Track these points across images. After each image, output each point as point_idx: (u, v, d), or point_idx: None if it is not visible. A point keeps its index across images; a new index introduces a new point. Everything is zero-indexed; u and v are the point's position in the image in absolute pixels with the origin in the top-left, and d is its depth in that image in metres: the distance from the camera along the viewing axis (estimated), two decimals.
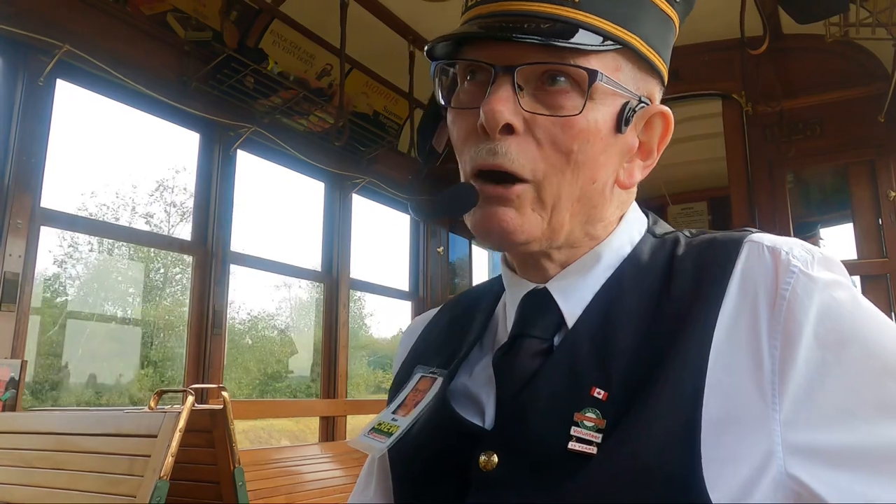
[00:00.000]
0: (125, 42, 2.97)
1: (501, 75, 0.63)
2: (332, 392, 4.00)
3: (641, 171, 0.71)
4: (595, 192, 0.67)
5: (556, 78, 0.63)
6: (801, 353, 0.56)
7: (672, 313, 0.62)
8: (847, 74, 3.48)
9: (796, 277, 0.59)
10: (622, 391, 0.60)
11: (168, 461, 1.75)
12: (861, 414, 0.54)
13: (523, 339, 0.68)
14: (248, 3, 3.47)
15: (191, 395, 1.96)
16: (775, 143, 3.59)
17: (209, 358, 3.23)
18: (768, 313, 0.58)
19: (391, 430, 0.72)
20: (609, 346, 0.63)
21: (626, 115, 0.65)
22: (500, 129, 0.63)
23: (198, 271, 3.32)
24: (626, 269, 0.69)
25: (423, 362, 0.79)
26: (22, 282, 2.51)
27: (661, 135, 0.71)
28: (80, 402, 5.18)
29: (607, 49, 0.63)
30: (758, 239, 0.64)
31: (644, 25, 0.66)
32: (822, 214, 4.15)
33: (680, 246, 0.69)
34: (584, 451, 0.58)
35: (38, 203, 2.65)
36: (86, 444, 1.92)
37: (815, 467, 0.54)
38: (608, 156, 0.66)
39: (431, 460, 0.69)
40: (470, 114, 0.66)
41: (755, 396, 0.56)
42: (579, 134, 0.63)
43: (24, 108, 2.63)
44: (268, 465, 3.09)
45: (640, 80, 0.68)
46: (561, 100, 0.63)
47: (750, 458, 0.55)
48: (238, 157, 3.55)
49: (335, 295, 4.13)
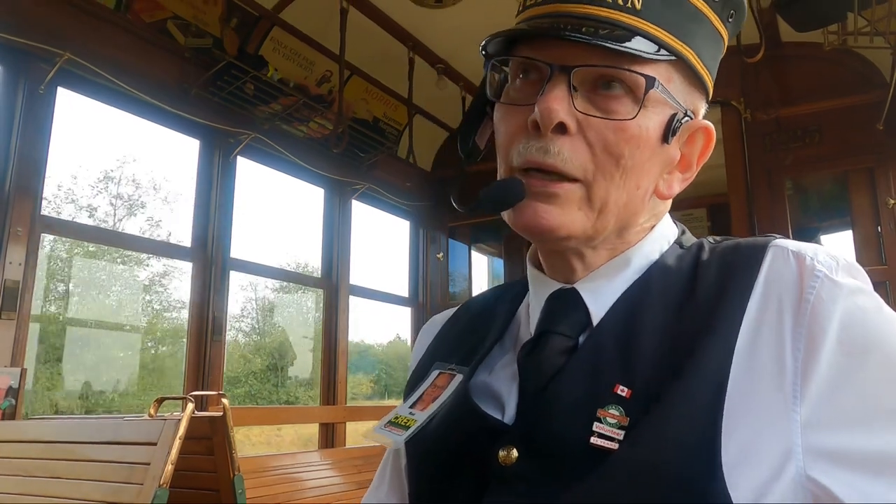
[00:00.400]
0: (125, 49, 2.98)
1: (558, 74, 0.63)
2: (332, 398, 4.00)
3: (680, 183, 0.72)
4: (638, 198, 0.68)
5: (610, 83, 0.64)
6: (824, 357, 0.56)
7: (696, 316, 0.63)
8: (846, 82, 3.49)
9: (821, 282, 0.60)
10: (645, 390, 0.60)
11: (168, 469, 1.75)
12: (883, 419, 0.54)
13: (549, 336, 0.69)
14: (249, 10, 3.48)
15: (190, 403, 1.96)
16: (774, 151, 3.60)
17: (209, 365, 3.23)
18: (793, 317, 0.59)
19: (408, 423, 0.72)
20: (633, 345, 0.64)
21: (674, 126, 0.66)
22: (554, 128, 0.63)
23: (197, 278, 3.32)
24: (652, 274, 0.70)
25: (441, 359, 0.80)
26: (22, 289, 2.51)
27: (701, 149, 0.72)
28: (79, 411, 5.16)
29: (662, 59, 0.64)
30: (782, 244, 0.64)
31: (698, 40, 0.67)
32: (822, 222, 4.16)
33: (704, 252, 0.69)
34: (606, 447, 0.58)
35: (38, 210, 2.65)
36: (85, 452, 1.92)
37: (834, 470, 0.54)
38: (652, 164, 0.67)
39: (449, 455, 0.69)
40: (520, 110, 0.67)
41: (777, 398, 0.57)
42: (631, 139, 0.64)
43: (25, 116, 2.64)
44: (267, 473, 3.08)
45: (689, 94, 0.69)
46: (614, 104, 0.64)
47: (769, 459, 0.55)
48: (238, 164, 3.56)
49: (335, 301, 4.13)
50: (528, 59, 0.66)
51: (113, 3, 2.95)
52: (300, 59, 3.79)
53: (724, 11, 0.69)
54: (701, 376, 0.58)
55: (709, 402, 0.57)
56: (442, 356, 0.81)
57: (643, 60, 0.63)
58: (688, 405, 0.57)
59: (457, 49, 4.12)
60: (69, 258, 4.61)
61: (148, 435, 1.85)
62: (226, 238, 3.43)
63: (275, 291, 7.58)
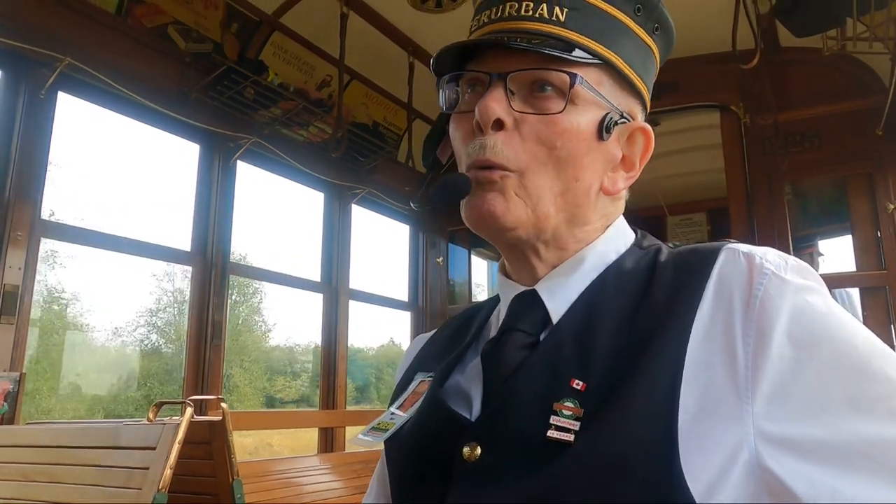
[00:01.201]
0: (126, 54, 2.99)
1: (496, 81, 0.71)
2: (332, 403, 4.00)
3: (625, 181, 0.77)
4: (579, 190, 0.72)
5: (543, 85, 0.70)
6: (774, 350, 0.59)
7: (652, 313, 0.66)
8: (845, 87, 3.49)
9: (769, 279, 0.62)
10: (600, 383, 0.63)
11: (167, 473, 1.75)
12: (833, 409, 0.56)
13: (511, 333, 0.73)
14: (249, 16, 3.49)
15: (189, 407, 1.96)
16: (774, 155, 3.60)
17: (208, 369, 3.23)
18: (742, 312, 0.61)
19: (388, 426, 0.77)
20: (590, 341, 0.66)
21: (607, 124, 0.72)
22: (492, 125, 0.70)
23: (197, 282, 3.32)
24: (610, 273, 0.73)
25: (424, 369, 0.84)
26: (21, 293, 2.51)
27: (642, 149, 0.78)
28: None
29: (588, 61, 0.71)
30: (735, 246, 0.67)
31: (624, 48, 0.74)
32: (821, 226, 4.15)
33: (662, 254, 0.73)
34: (562, 439, 0.60)
35: (38, 215, 2.65)
36: (84, 456, 1.91)
37: (786, 459, 0.56)
38: (591, 159, 0.72)
39: (420, 454, 0.72)
40: (468, 116, 0.73)
41: (730, 391, 0.58)
42: (563, 132, 0.70)
43: (26, 121, 2.64)
44: (266, 477, 3.08)
45: (621, 97, 0.75)
46: (547, 103, 0.70)
47: (723, 449, 0.57)
48: (238, 168, 3.56)
49: (335, 305, 4.13)
50: (470, 71, 0.74)
51: (114, 8, 2.96)
52: (300, 64, 3.80)
53: (648, 24, 0.76)
54: (656, 371, 0.60)
55: (664, 395, 0.59)
56: (424, 366, 0.85)
57: (570, 63, 0.70)
58: (643, 398, 0.59)
59: None
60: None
61: (147, 439, 1.84)
62: (225, 242, 3.43)
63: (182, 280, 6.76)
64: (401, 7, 3.59)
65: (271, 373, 7.21)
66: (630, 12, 0.74)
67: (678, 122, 4.13)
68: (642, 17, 0.75)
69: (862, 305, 3.40)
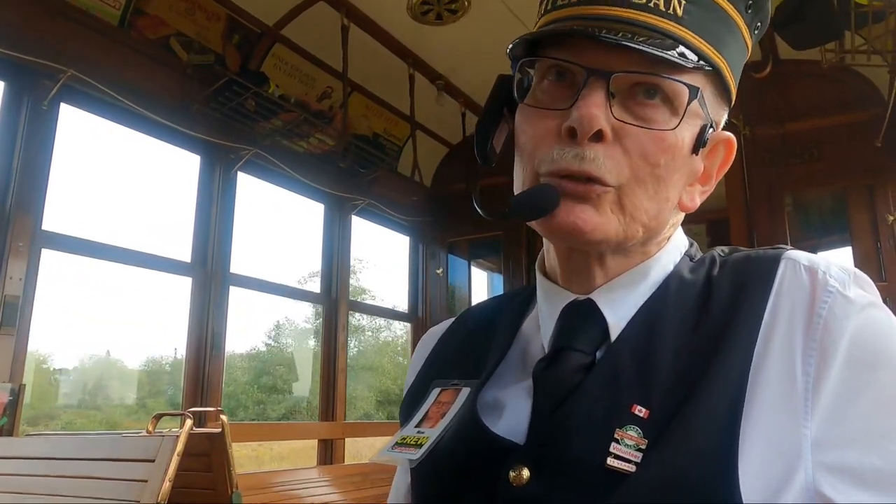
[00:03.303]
0: (128, 66, 3.00)
1: (595, 80, 0.61)
2: (331, 415, 3.98)
3: (701, 195, 0.71)
4: (667, 210, 0.67)
5: (647, 90, 0.62)
6: (835, 373, 0.56)
7: (711, 333, 0.62)
8: (844, 100, 3.51)
9: (833, 297, 0.59)
10: (662, 409, 0.59)
11: (165, 486, 1.74)
12: (893, 438, 0.54)
13: (566, 353, 0.67)
14: (251, 27, 3.51)
15: (189, 419, 1.95)
16: (774, 167, 3.61)
17: (207, 380, 3.22)
18: (804, 331, 0.58)
19: (420, 441, 0.69)
20: (651, 362, 0.62)
21: (704, 138, 0.65)
22: (591, 136, 0.61)
23: (197, 293, 3.32)
24: (669, 287, 0.68)
25: (440, 376, 0.77)
26: (22, 304, 2.51)
27: (722, 161, 0.71)
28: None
29: (703, 69, 0.63)
30: (794, 257, 0.64)
31: (731, 51, 0.66)
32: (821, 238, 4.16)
33: (716, 266, 0.69)
34: (623, 469, 0.57)
35: (39, 225, 2.66)
36: (83, 469, 1.90)
37: (843, 486, 0.54)
38: (681, 175, 0.66)
39: (457, 474, 0.67)
40: (550, 115, 0.64)
41: (787, 414, 0.56)
42: (668, 149, 0.62)
43: (28, 132, 2.65)
44: (266, 490, 3.06)
45: (717, 106, 0.68)
46: (652, 113, 0.62)
47: (780, 473, 0.55)
48: (238, 179, 3.57)
49: (334, 317, 4.12)
50: (564, 61, 0.63)
51: (117, 20, 2.98)
52: (301, 76, 3.82)
53: (754, 22, 0.68)
54: (717, 395, 0.58)
55: (726, 421, 0.56)
56: (441, 371, 0.78)
57: (682, 69, 0.61)
58: (705, 425, 0.57)
59: (457, 65, 4.15)
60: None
61: (146, 451, 1.83)
62: (226, 253, 3.43)
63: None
64: (401, 19, 3.61)
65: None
66: (742, 9, 0.66)
67: None
68: (751, 14, 0.67)
69: None
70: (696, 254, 0.74)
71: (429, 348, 0.85)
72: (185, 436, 1.85)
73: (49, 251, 2.72)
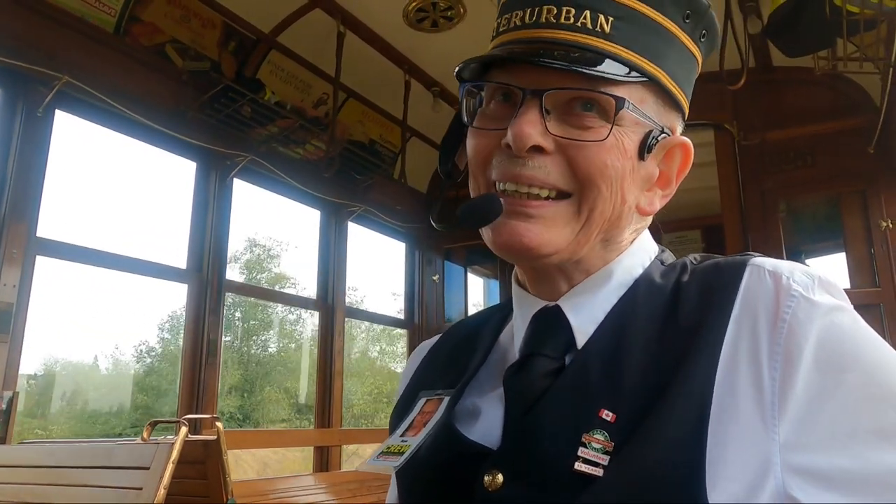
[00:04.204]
0: (124, 73, 3.00)
1: (530, 98, 0.64)
2: (327, 421, 3.97)
3: (661, 199, 0.73)
4: (623, 213, 0.69)
5: (583, 104, 0.65)
6: (801, 377, 0.57)
7: (679, 337, 0.63)
8: (837, 106, 3.53)
9: (797, 301, 0.60)
10: (630, 413, 0.60)
11: (160, 493, 1.73)
12: (860, 439, 0.55)
13: (534, 358, 0.69)
14: (246, 34, 3.51)
15: (184, 426, 1.94)
16: (768, 173, 3.63)
17: (203, 387, 3.20)
18: (769, 336, 0.59)
19: (402, 449, 0.71)
20: (618, 367, 0.63)
21: (650, 143, 0.67)
22: (528, 150, 0.64)
23: (192, 300, 3.31)
24: (637, 291, 0.70)
25: (427, 386, 0.79)
26: (16, 311, 2.50)
27: (680, 165, 0.74)
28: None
29: (634, 80, 0.65)
30: (759, 263, 0.65)
31: (670, 61, 0.68)
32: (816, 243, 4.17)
33: (686, 272, 0.70)
34: (590, 473, 0.58)
35: (33, 232, 2.65)
36: (77, 476, 1.89)
37: (813, 489, 0.55)
38: (632, 180, 0.68)
39: (436, 480, 0.69)
40: (493, 134, 0.68)
41: (756, 418, 0.57)
42: (609, 157, 0.65)
43: (23, 139, 2.65)
44: (261, 497, 3.05)
45: (664, 113, 0.70)
46: (588, 125, 0.65)
47: (748, 478, 0.56)
48: (234, 186, 3.57)
49: (331, 323, 4.12)
50: (502, 84, 0.67)
51: (112, 27, 2.98)
52: (297, 82, 3.82)
53: (696, 31, 0.70)
54: (684, 400, 0.59)
55: (692, 426, 0.57)
56: (428, 382, 0.81)
57: (615, 82, 0.64)
58: (672, 430, 0.58)
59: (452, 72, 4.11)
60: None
61: (140, 459, 1.82)
62: (221, 260, 3.43)
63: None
64: (397, 26, 3.62)
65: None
66: (679, 20, 0.68)
67: None
68: (691, 24, 0.69)
69: None
70: (668, 259, 0.75)
71: (419, 360, 0.88)
72: (180, 443, 1.84)
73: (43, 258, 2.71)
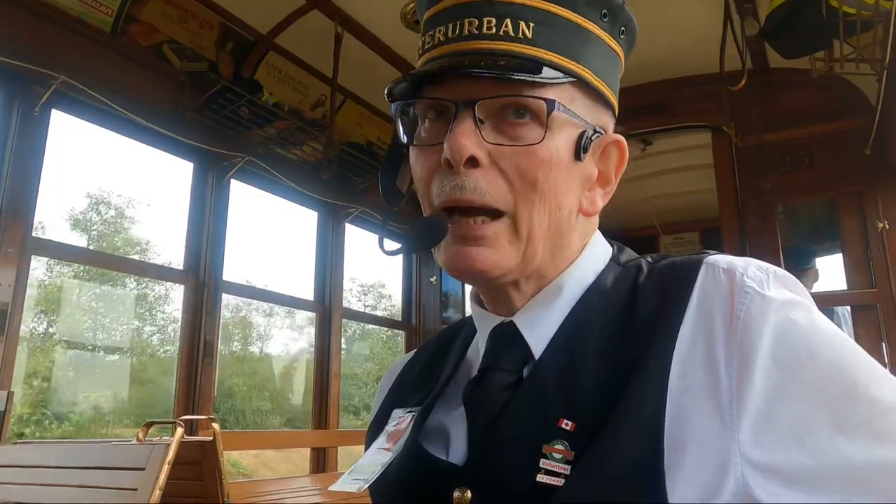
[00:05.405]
0: (121, 73, 3.00)
1: (463, 110, 0.65)
2: (324, 422, 3.96)
3: (602, 198, 0.73)
4: (562, 219, 0.68)
5: (516, 111, 0.65)
6: (758, 374, 0.57)
7: (634, 339, 0.63)
8: (834, 108, 3.54)
9: (751, 298, 0.60)
10: (588, 421, 0.60)
11: (156, 494, 1.72)
12: (819, 435, 0.54)
13: (492, 372, 0.69)
14: (244, 35, 3.51)
15: (180, 427, 1.93)
16: (765, 175, 3.63)
17: (199, 388, 3.19)
18: (724, 334, 0.59)
19: (373, 468, 0.72)
20: (575, 377, 0.63)
21: (584, 143, 0.68)
22: (465, 162, 0.64)
23: (189, 301, 3.30)
24: (590, 299, 0.70)
25: (401, 404, 0.80)
26: (11, 311, 2.49)
27: (617, 163, 0.74)
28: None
29: (561, 81, 0.66)
30: (714, 261, 0.65)
31: (593, 59, 0.69)
32: (813, 245, 4.18)
33: (642, 273, 0.70)
34: (552, 484, 0.58)
35: (29, 232, 2.64)
36: (72, 477, 1.88)
37: (773, 487, 0.54)
38: (570, 183, 0.68)
39: (408, 499, 0.69)
40: (433, 150, 0.68)
41: (714, 417, 0.57)
42: (543, 162, 0.65)
43: (19, 138, 2.64)
44: (257, 498, 3.04)
45: (594, 111, 0.71)
46: (522, 131, 0.65)
47: (709, 477, 0.55)
48: (231, 187, 3.56)
49: (328, 324, 4.11)
50: (434, 99, 0.68)
51: (109, 27, 2.97)
52: (295, 84, 3.82)
53: (615, 29, 0.72)
54: (640, 403, 0.58)
55: (649, 427, 0.57)
56: (401, 400, 0.81)
57: (543, 85, 0.65)
58: (629, 433, 0.57)
59: None
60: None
61: (136, 460, 1.81)
62: (218, 261, 3.42)
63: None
64: (395, 27, 3.62)
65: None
66: (596, 19, 0.69)
67: (670, 141, 4.17)
68: (609, 22, 0.70)
69: (854, 323, 3.41)
70: (624, 258, 0.75)
71: (392, 379, 0.88)
72: (176, 444, 1.83)
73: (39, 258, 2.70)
